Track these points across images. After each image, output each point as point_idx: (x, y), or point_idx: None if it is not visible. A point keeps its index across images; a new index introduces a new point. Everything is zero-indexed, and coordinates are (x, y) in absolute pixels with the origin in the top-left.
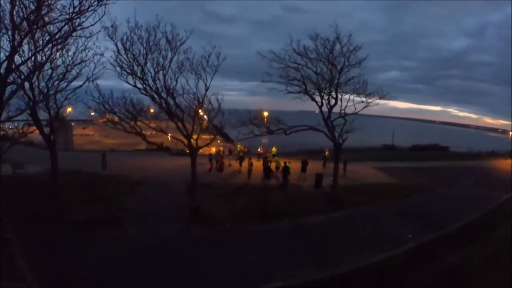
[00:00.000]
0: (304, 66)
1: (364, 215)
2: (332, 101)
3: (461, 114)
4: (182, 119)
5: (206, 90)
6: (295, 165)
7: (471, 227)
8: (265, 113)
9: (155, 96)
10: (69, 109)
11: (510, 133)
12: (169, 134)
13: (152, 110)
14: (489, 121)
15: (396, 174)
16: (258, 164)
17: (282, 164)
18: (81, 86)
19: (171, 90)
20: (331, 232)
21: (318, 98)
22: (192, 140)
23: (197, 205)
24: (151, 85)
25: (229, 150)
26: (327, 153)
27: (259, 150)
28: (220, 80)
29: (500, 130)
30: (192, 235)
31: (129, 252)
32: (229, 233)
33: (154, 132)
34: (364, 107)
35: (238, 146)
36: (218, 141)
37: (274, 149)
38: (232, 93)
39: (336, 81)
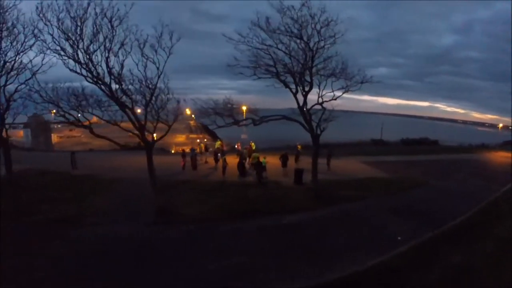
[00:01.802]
0: (274, 48)
1: (352, 213)
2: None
3: (449, 109)
4: (132, 108)
5: (159, 75)
6: (277, 161)
7: (471, 224)
8: (231, 103)
9: (100, 82)
10: (54, 111)
11: (500, 125)
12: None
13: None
14: (477, 115)
15: (386, 168)
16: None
17: (262, 160)
18: (31, 77)
19: (116, 75)
20: (314, 233)
21: (292, 85)
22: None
23: (162, 204)
24: (91, 70)
25: (205, 147)
26: (299, 147)
27: (236, 146)
28: (210, 79)
29: (487, 125)
30: (154, 236)
31: (80, 254)
32: (197, 234)
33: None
34: (343, 92)
35: (217, 143)
36: (205, 140)
37: (252, 145)
38: (223, 92)
39: (309, 62)
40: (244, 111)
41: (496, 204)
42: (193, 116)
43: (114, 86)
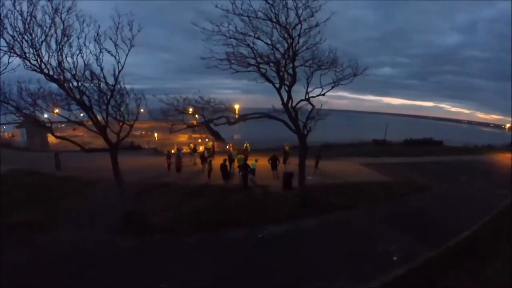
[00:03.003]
0: (251, 36)
1: (341, 224)
2: (293, 81)
3: (454, 109)
4: (90, 106)
5: (120, 70)
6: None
7: (479, 240)
8: (201, 101)
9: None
10: (56, 110)
11: (507, 125)
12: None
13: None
14: (481, 116)
15: (386, 171)
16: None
17: (251, 162)
18: None
19: (70, 71)
20: (292, 248)
21: (277, 80)
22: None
23: (130, 210)
24: (41, 66)
25: (193, 147)
26: (287, 148)
27: (228, 147)
28: (213, 79)
29: (492, 125)
30: (113, 246)
31: (34, 261)
32: (159, 245)
33: (143, 132)
34: (333, 87)
35: (210, 143)
36: (207, 140)
37: (247, 145)
38: (227, 92)
39: (290, 51)
40: (236, 110)
41: (508, 214)
42: (196, 116)
43: (73, 83)
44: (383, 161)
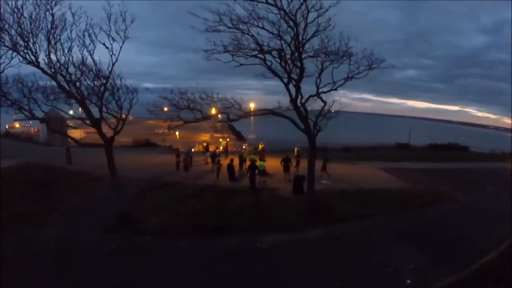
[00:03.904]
0: (256, 26)
1: (350, 237)
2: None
3: (480, 114)
4: (83, 101)
5: (114, 63)
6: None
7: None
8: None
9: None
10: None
11: None
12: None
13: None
14: (508, 121)
15: (406, 176)
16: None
17: (260, 164)
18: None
19: (61, 64)
20: (292, 265)
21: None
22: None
23: (127, 210)
24: (31, 59)
25: (206, 146)
26: (296, 149)
27: (244, 147)
28: (236, 80)
29: None
30: (101, 247)
31: (26, 261)
32: (149, 249)
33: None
34: (346, 80)
35: (223, 142)
36: (228, 139)
37: (260, 146)
38: (250, 92)
39: (295, 39)
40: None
41: None
42: (219, 115)
43: (67, 77)
44: (405, 166)
